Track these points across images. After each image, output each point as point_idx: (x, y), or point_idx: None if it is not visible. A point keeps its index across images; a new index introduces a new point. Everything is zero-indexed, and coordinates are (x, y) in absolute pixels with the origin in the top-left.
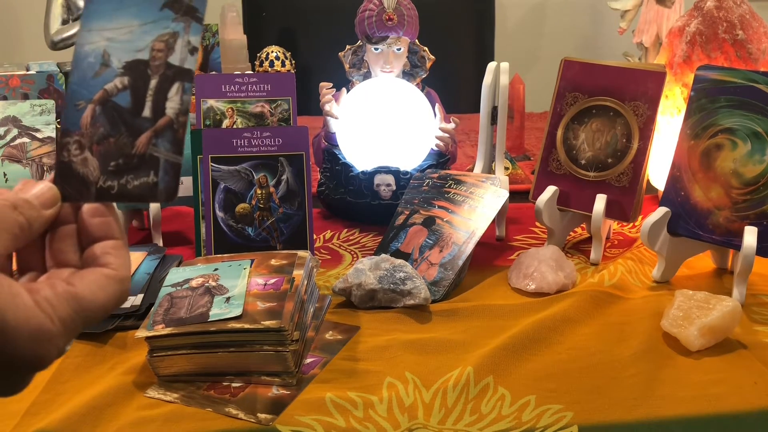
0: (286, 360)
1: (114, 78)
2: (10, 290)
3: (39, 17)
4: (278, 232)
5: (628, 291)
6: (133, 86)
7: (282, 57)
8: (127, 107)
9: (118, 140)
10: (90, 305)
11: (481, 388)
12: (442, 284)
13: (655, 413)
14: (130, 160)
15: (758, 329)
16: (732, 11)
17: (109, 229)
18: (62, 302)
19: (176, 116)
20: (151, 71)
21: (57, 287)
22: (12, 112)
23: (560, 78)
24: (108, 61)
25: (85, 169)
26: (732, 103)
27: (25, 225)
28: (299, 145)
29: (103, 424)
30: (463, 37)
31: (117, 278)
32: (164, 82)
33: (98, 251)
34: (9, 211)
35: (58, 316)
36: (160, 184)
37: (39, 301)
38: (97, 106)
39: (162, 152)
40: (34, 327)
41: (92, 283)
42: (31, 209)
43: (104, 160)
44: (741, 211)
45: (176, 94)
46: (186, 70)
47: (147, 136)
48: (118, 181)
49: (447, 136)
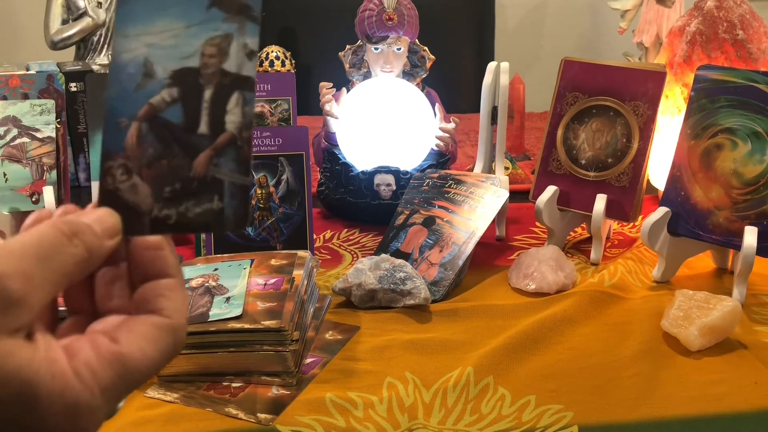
0: (286, 360)
1: (160, 90)
2: (47, 355)
3: (39, 17)
4: (278, 232)
5: (628, 291)
6: (183, 99)
7: (282, 57)
8: (179, 123)
9: (172, 162)
10: (138, 366)
11: (481, 388)
12: (442, 284)
13: (655, 413)
14: (188, 185)
15: (758, 329)
16: (732, 11)
17: (165, 265)
18: (105, 367)
19: (239, 131)
20: (203, 81)
21: (100, 347)
22: (12, 112)
23: (560, 78)
24: (151, 71)
25: (135, 197)
26: (732, 103)
27: (84, 258)
28: (299, 145)
29: (103, 424)
30: (463, 37)
31: (170, 328)
32: (220, 92)
33: (150, 293)
34: (64, 242)
35: (99, 385)
36: (226, 210)
37: (78, 368)
38: (143, 124)
39: (226, 173)
40: (71, 402)
41: (141, 337)
42: (93, 237)
43: (157, 185)
44: (741, 211)
45: (236, 106)
46: (245, 78)
47: (206, 155)
48: (177, 209)
49: (447, 136)
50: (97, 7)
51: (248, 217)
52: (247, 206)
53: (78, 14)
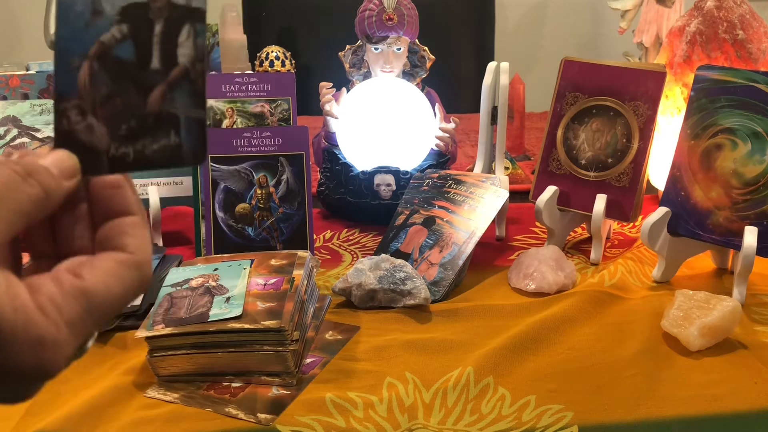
0: (286, 360)
1: (110, 27)
2: (8, 290)
3: (39, 17)
4: (278, 232)
5: (628, 291)
6: (134, 34)
7: (282, 57)
8: (131, 60)
9: (126, 99)
10: (103, 300)
11: (481, 388)
12: (442, 284)
13: (655, 413)
14: (143, 122)
15: (758, 329)
16: (732, 11)
17: (126, 203)
18: (69, 301)
19: (191, 64)
20: (153, 15)
21: (64, 283)
22: (12, 112)
23: (560, 78)
24: (100, 8)
25: (91, 137)
26: (732, 103)
27: (41, 198)
28: (299, 145)
29: (103, 424)
30: (463, 37)
31: (134, 263)
32: (171, 25)
33: (112, 231)
34: (19, 181)
35: (64, 319)
36: (184, 145)
37: (41, 302)
38: (94, 62)
39: (181, 108)
40: (35, 336)
41: (105, 272)
42: (49, 178)
43: (113, 124)
44: (741, 211)
45: (187, 39)
46: (195, 9)
47: (160, 90)
48: (134, 147)
49: (447, 136)
50: None
51: (206, 151)
52: (205, 140)
53: None
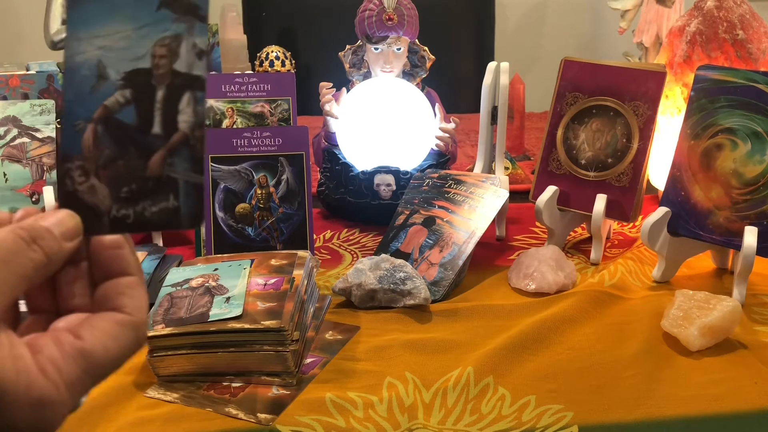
0: (286, 360)
1: (114, 92)
2: (11, 352)
3: (39, 17)
4: (278, 232)
5: (628, 291)
6: (137, 100)
7: (282, 57)
8: (133, 124)
9: (128, 162)
10: (101, 360)
11: (481, 388)
12: (442, 284)
13: (655, 413)
14: (144, 184)
15: (758, 329)
16: (732, 11)
17: (125, 264)
18: (69, 363)
19: (191, 131)
20: (155, 81)
21: (64, 344)
22: (12, 112)
23: (560, 78)
24: (105, 73)
25: (93, 198)
26: (732, 103)
27: (43, 263)
28: (299, 145)
29: (103, 424)
30: (463, 37)
31: (131, 324)
32: (172, 92)
33: (111, 291)
34: (23, 247)
35: (64, 380)
36: (182, 209)
37: (43, 364)
38: (98, 126)
39: (180, 172)
40: (36, 397)
41: (103, 333)
42: (52, 241)
43: (114, 186)
44: (741, 211)
45: (188, 106)
46: (195, 77)
47: (160, 155)
48: (134, 209)
49: (447, 136)
50: None
51: (203, 215)
52: (202, 204)
53: None
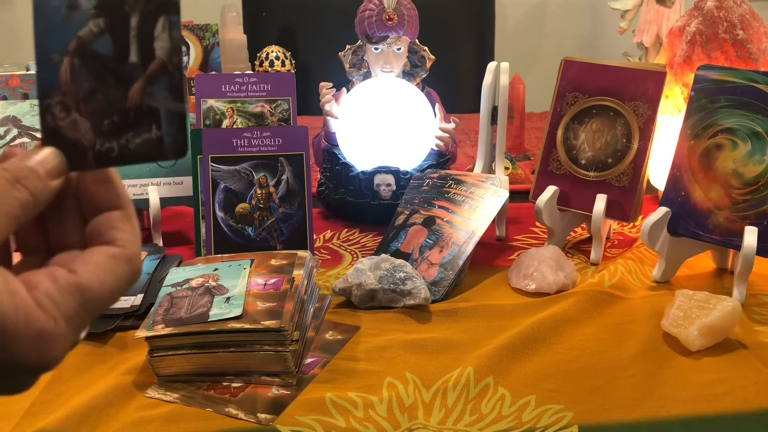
0: (286, 360)
1: (87, 21)
2: (6, 288)
3: None
4: (278, 232)
5: (628, 291)
6: (111, 29)
7: (282, 57)
8: (109, 54)
9: (108, 94)
10: (97, 294)
11: (481, 388)
12: (442, 284)
13: (655, 413)
14: (125, 116)
15: (758, 329)
16: (732, 11)
17: (114, 197)
18: (66, 296)
19: (168, 57)
20: (128, 8)
21: (59, 279)
22: (12, 112)
23: (560, 78)
24: (76, 3)
25: (76, 133)
26: (732, 103)
27: (29, 202)
28: (299, 145)
29: (103, 424)
30: (463, 37)
31: (125, 257)
32: (146, 18)
33: (102, 225)
34: (8, 187)
35: (62, 314)
36: (165, 139)
37: (39, 298)
38: (74, 58)
39: (160, 101)
40: (36, 331)
41: (98, 267)
42: (36, 180)
43: (96, 119)
44: (741, 211)
45: (163, 32)
46: (169, 2)
47: (139, 85)
48: (118, 142)
49: (447, 136)
50: None
51: (187, 144)
52: (185, 133)
53: None
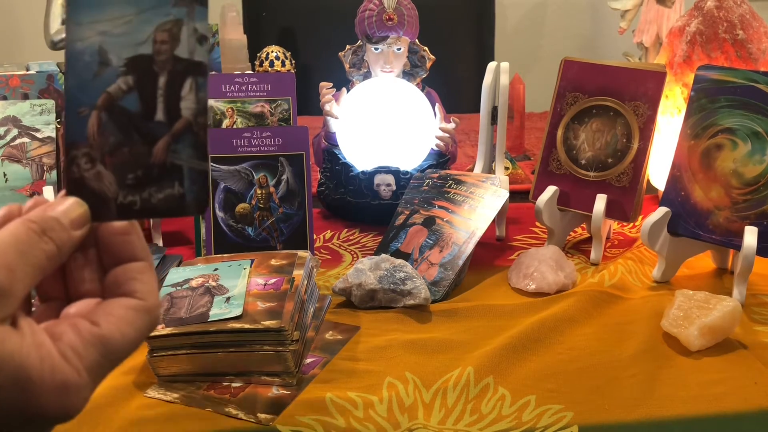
0: (286, 360)
1: (116, 78)
2: (33, 340)
3: (39, 17)
4: (278, 232)
5: (628, 291)
6: (139, 86)
7: (282, 57)
8: (136, 111)
9: (133, 149)
10: (119, 346)
11: (481, 388)
12: (442, 284)
13: (655, 413)
14: (149, 171)
15: (758, 329)
16: (732, 11)
17: (134, 249)
18: (88, 349)
19: (194, 117)
20: (157, 67)
21: (82, 331)
22: (12, 112)
23: (560, 78)
24: (106, 59)
25: (100, 185)
26: (732, 103)
27: (55, 253)
28: (299, 145)
29: (103, 423)
30: (463, 37)
31: (145, 309)
32: (174, 78)
33: (122, 277)
34: (36, 239)
35: (85, 365)
36: (187, 195)
37: (64, 350)
38: (102, 113)
39: (184, 159)
40: (60, 382)
41: (119, 320)
42: (62, 231)
43: (120, 172)
44: (741, 211)
45: (190, 92)
46: (197, 63)
47: (164, 142)
48: (140, 196)
49: (447, 136)
50: None
51: (208, 201)
52: (207, 190)
53: None
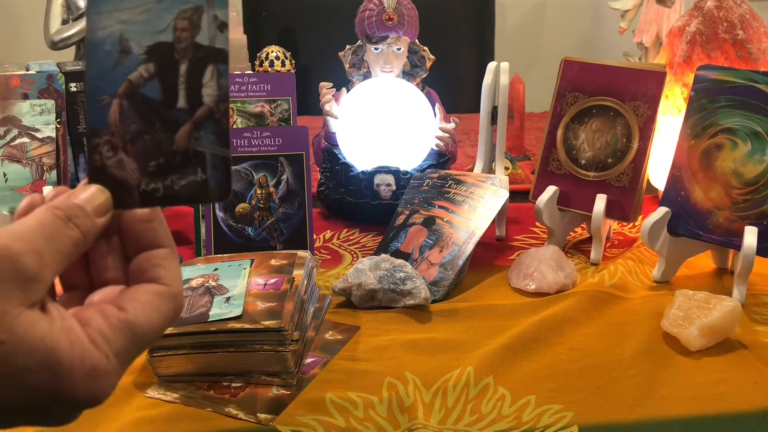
0: (286, 360)
1: (137, 66)
2: (62, 325)
3: (39, 17)
4: (278, 232)
5: (628, 291)
6: (160, 74)
7: (282, 57)
8: (158, 98)
9: (155, 136)
10: (145, 331)
11: (481, 388)
12: (442, 284)
13: (655, 413)
14: (171, 158)
15: (758, 329)
16: (732, 11)
17: (156, 236)
18: (116, 334)
19: (215, 104)
20: (178, 55)
21: (109, 316)
22: (12, 112)
23: (560, 78)
24: (127, 47)
25: (122, 172)
26: (732, 103)
27: (80, 240)
28: (299, 145)
29: (103, 423)
30: (463, 37)
31: (170, 294)
32: (195, 66)
33: (146, 263)
34: (62, 225)
35: (113, 350)
36: (210, 182)
37: (93, 335)
38: (124, 100)
39: (206, 146)
40: (89, 366)
41: (145, 305)
42: (86, 218)
43: (143, 160)
44: (741, 211)
45: (211, 79)
46: (218, 50)
47: (186, 129)
48: (163, 183)
49: (447, 136)
50: None
51: (230, 188)
52: (229, 177)
53: (78, 14)
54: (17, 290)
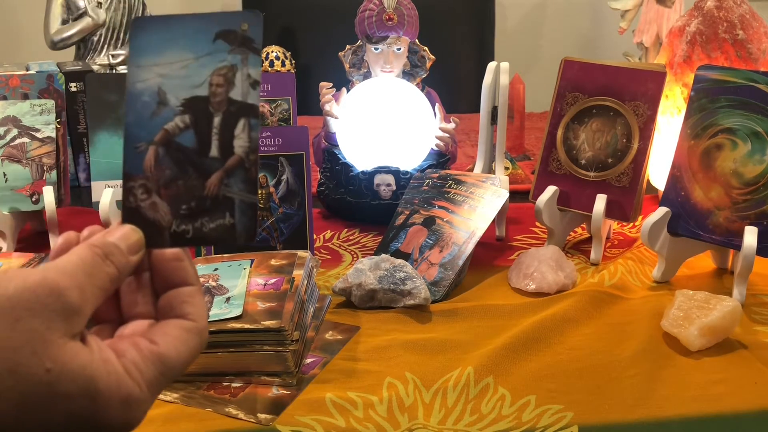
0: (286, 360)
1: (174, 117)
2: (101, 356)
3: (39, 17)
4: (278, 232)
5: (628, 291)
6: (195, 125)
7: (282, 57)
8: (192, 147)
9: (187, 182)
10: (174, 364)
11: (481, 388)
12: (442, 284)
13: (655, 413)
14: (202, 203)
15: (758, 329)
16: (732, 11)
17: (185, 274)
18: (148, 365)
19: (246, 155)
20: (213, 108)
21: (142, 349)
22: (12, 112)
23: (560, 78)
24: (165, 99)
25: (155, 214)
26: (732, 103)
27: (116, 276)
28: (299, 145)
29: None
30: (463, 37)
31: (197, 330)
32: (228, 119)
33: (175, 300)
34: (100, 262)
35: (145, 380)
36: (238, 226)
37: (127, 366)
38: (159, 148)
39: (236, 192)
40: (124, 395)
41: (175, 339)
42: (121, 256)
43: (175, 203)
44: (741, 211)
45: (243, 131)
46: (250, 106)
47: (218, 176)
48: (193, 225)
49: (447, 136)
50: (97, 7)
51: (256, 232)
52: (256, 221)
53: (78, 14)
54: (63, 322)
